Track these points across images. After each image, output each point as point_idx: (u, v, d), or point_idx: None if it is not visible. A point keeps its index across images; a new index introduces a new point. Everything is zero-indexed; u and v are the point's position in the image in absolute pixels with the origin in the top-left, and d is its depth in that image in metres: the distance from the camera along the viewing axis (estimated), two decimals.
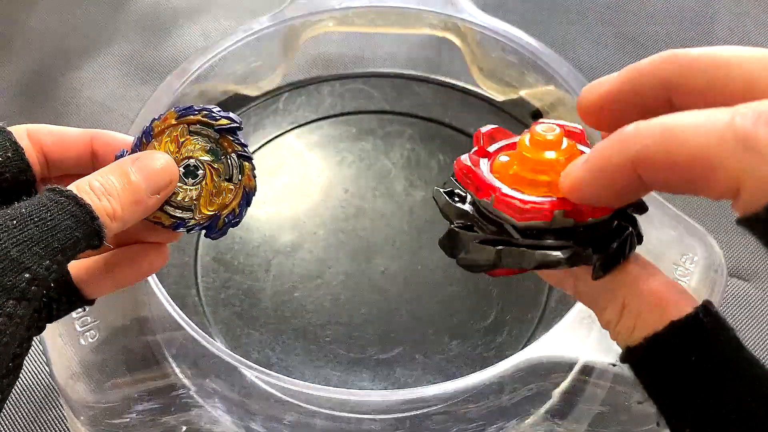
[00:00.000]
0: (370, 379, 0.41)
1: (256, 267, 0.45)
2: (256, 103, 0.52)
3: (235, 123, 0.29)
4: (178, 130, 0.29)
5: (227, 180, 0.30)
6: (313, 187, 0.49)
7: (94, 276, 0.29)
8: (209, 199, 0.30)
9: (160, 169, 0.28)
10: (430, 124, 0.51)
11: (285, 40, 0.51)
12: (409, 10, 0.51)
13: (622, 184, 0.19)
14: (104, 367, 0.38)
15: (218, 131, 0.29)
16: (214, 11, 0.64)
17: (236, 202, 0.30)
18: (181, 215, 0.29)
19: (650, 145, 0.18)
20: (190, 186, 0.29)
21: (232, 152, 0.30)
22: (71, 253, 0.24)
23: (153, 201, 0.28)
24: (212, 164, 0.30)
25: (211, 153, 0.30)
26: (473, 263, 0.22)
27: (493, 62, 0.51)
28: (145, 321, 0.40)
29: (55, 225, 0.24)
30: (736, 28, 0.61)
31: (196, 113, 0.29)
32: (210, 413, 0.37)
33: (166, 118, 0.29)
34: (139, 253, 0.30)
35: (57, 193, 0.25)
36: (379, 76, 0.54)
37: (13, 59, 0.60)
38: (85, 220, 0.25)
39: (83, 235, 0.25)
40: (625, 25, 0.61)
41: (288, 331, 0.42)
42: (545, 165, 0.23)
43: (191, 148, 0.29)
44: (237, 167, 0.30)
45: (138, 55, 0.60)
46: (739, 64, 0.18)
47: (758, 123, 0.16)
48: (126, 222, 0.27)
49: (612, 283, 0.21)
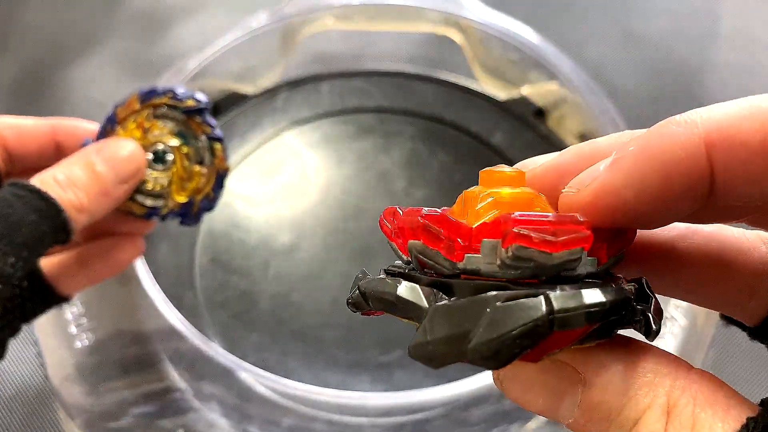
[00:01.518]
0: (369, 381, 0.40)
1: (253, 268, 0.44)
2: (254, 101, 0.51)
3: (201, 103, 0.28)
4: (143, 115, 0.28)
5: (198, 163, 0.29)
6: (312, 186, 0.48)
7: (67, 272, 0.29)
8: (181, 185, 0.29)
9: (126, 157, 0.27)
10: (430, 123, 0.51)
11: (283, 37, 0.51)
12: (409, 7, 0.50)
13: (681, 181, 0.13)
14: (99, 370, 0.38)
15: (185, 113, 0.28)
16: (211, 8, 0.63)
17: (209, 186, 0.29)
18: (153, 204, 0.29)
19: (735, 119, 0.13)
20: (160, 172, 0.29)
21: (201, 134, 0.29)
22: (38, 248, 0.24)
23: (121, 191, 0.27)
24: (181, 148, 0.29)
25: (180, 136, 0.29)
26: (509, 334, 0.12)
27: (495, 60, 0.50)
28: (141, 323, 0.39)
29: (19, 220, 0.23)
30: (741, 26, 0.60)
31: (161, 95, 0.28)
32: (207, 417, 0.37)
33: (130, 103, 0.28)
34: (113, 245, 0.30)
35: (19, 187, 0.24)
36: (379, 74, 0.54)
37: (7, 57, 0.60)
38: (50, 214, 0.24)
39: (49, 229, 0.24)
40: (630, 22, 0.61)
41: (286, 333, 0.42)
42: (525, 200, 0.15)
43: (158, 132, 0.28)
44: (208, 149, 0.29)
45: (134, 53, 0.60)
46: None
47: None
48: (93, 214, 0.26)
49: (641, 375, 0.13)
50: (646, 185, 0.13)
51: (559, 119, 0.49)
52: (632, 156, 0.13)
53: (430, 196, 0.47)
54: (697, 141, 0.13)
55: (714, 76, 0.56)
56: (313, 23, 0.51)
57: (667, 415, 0.13)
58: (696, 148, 0.13)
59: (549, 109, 0.49)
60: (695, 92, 0.55)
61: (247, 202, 0.47)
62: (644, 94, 0.55)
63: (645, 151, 0.13)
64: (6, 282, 0.22)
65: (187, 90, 0.29)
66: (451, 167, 0.48)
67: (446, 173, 0.48)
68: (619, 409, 0.13)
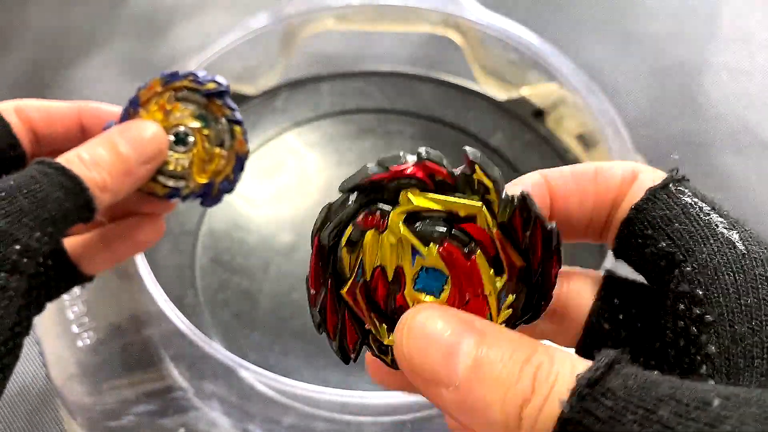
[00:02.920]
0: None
1: (254, 268, 0.45)
2: (255, 101, 0.52)
3: (222, 86, 0.29)
4: (165, 97, 0.29)
5: (219, 145, 0.29)
6: (312, 186, 0.48)
7: (90, 251, 0.29)
8: (201, 167, 0.29)
9: (148, 138, 0.27)
10: (430, 123, 0.51)
11: (284, 38, 0.51)
12: (409, 8, 0.50)
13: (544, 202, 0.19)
14: (101, 369, 0.38)
15: (206, 96, 0.29)
16: (211, 9, 0.63)
17: (229, 168, 0.29)
18: (175, 184, 0.29)
19: (567, 175, 0.19)
20: (181, 154, 0.29)
21: (221, 117, 0.29)
22: (62, 224, 0.24)
23: (143, 171, 0.27)
24: (202, 130, 0.29)
25: (200, 119, 0.29)
26: None
27: (495, 60, 0.50)
28: (143, 322, 0.39)
29: (45, 196, 0.23)
30: (739, 26, 0.60)
31: (182, 78, 0.28)
32: (208, 415, 0.37)
33: (152, 86, 0.29)
34: (135, 225, 0.30)
35: (46, 165, 0.24)
36: (379, 74, 0.54)
37: (9, 57, 0.60)
38: (75, 192, 0.24)
39: (73, 206, 0.24)
40: (629, 23, 0.61)
41: (287, 332, 0.42)
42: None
43: (179, 115, 0.29)
44: (227, 132, 0.29)
45: (135, 54, 0.60)
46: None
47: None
48: (117, 193, 0.26)
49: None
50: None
51: (558, 120, 0.49)
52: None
53: None
54: (543, 181, 0.19)
55: (712, 76, 0.56)
56: (313, 24, 0.51)
57: (549, 354, 0.15)
58: (540, 180, 0.19)
59: (548, 110, 0.50)
60: (694, 93, 0.55)
61: (247, 202, 0.47)
62: (643, 95, 0.55)
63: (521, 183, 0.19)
64: (32, 257, 0.23)
65: (208, 73, 0.29)
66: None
67: None
68: (511, 350, 0.15)
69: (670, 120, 0.54)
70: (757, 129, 0.53)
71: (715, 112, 0.54)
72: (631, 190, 0.19)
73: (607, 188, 0.19)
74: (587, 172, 0.19)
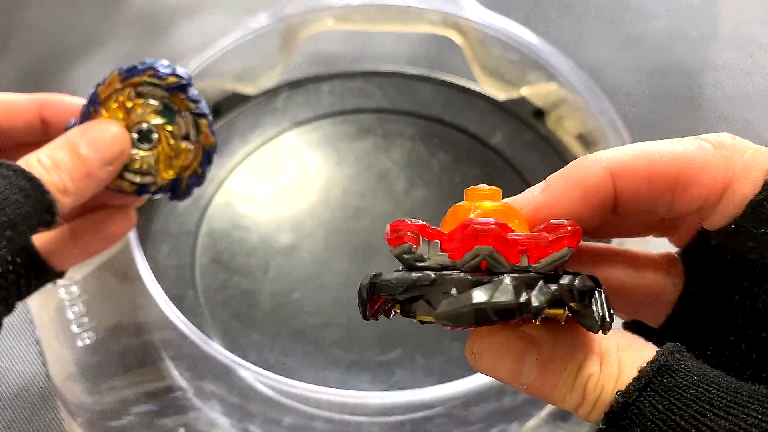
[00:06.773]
0: (369, 380, 0.40)
1: (254, 268, 0.45)
2: (255, 101, 0.52)
3: (183, 80, 0.28)
4: (125, 94, 0.28)
5: (184, 139, 0.29)
6: (312, 186, 0.48)
7: (60, 246, 0.29)
8: (168, 163, 0.28)
9: (110, 139, 0.27)
10: (430, 123, 0.51)
11: (283, 38, 0.51)
12: (409, 8, 0.50)
13: (591, 198, 0.19)
14: (101, 369, 0.38)
15: (167, 90, 0.28)
16: (211, 9, 0.63)
17: (197, 163, 0.29)
18: (142, 181, 0.28)
19: (629, 157, 0.18)
20: (146, 151, 0.28)
21: (185, 111, 0.28)
22: (22, 228, 0.24)
23: (105, 173, 0.27)
24: (165, 126, 0.28)
25: (163, 114, 0.28)
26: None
27: (495, 60, 0.50)
28: (143, 322, 0.39)
29: (4, 199, 0.23)
30: (740, 27, 0.60)
31: (141, 73, 0.28)
32: (208, 415, 0.37)
33: (111, 82, 0.28)
34: (105, 218, 0.30)
35: (4, 167, 0.24)
36: (379, 74, 0.54)
37: (8, 57, 0.60)
38: (35, 195, 0.24)
39: (33, 209, 0.24)
40: (628, 23, 0.61)
41: (287, 333, 0.42)
42: (502, 211, 0.19)
43: (141, 112, 0.28)
44: (193, 125, 0.28)
45: (135, 54, 0.60)
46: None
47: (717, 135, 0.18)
48: (79, 197, 0.26)
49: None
50: (567, 201, 0.19)
51: (558, 120, 0.49)
52: (558, 181, 0.19)
53: (430, 196, 0.47)
54: (603, 171, 0.18)
55: (712, 76, 0.56)
56: (313, 24, 0.51)
57: (600, 359, 0.18)
58: (603, 175, 0.19)
59: (548, 110, 0.50)
60: (694, 93, 0.55)
61: (247, 202, 0.47)
62: (643, 95, 0.55)
63: (566, 178, 0.19)
64: None
65: (168, 66, 0.28)
66: (450, 167, 0.48)
67: (446, 173, 0.48)
68: (567, 360, 0.18)
69: (670, 120, 0.54)
70: (758, 129, 0.53)
71: (715, 112, 0.54)
72: (733, 185, 0.18)
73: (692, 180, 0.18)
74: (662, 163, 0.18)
